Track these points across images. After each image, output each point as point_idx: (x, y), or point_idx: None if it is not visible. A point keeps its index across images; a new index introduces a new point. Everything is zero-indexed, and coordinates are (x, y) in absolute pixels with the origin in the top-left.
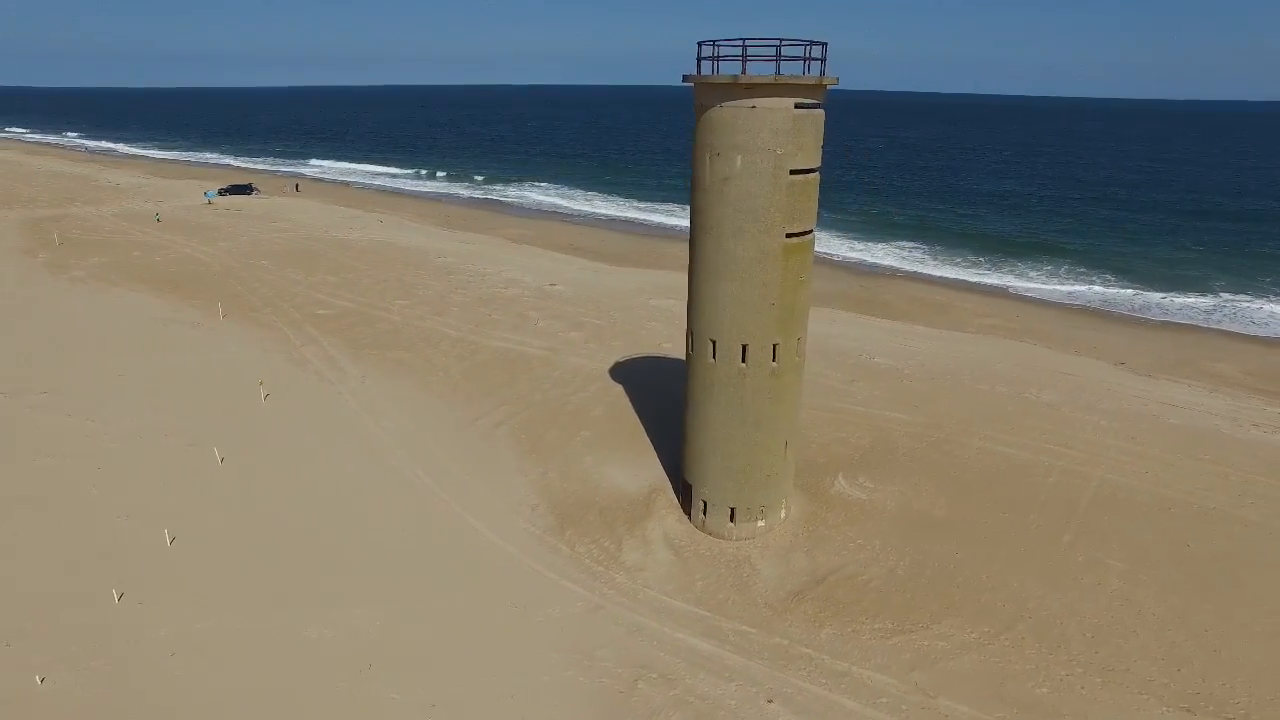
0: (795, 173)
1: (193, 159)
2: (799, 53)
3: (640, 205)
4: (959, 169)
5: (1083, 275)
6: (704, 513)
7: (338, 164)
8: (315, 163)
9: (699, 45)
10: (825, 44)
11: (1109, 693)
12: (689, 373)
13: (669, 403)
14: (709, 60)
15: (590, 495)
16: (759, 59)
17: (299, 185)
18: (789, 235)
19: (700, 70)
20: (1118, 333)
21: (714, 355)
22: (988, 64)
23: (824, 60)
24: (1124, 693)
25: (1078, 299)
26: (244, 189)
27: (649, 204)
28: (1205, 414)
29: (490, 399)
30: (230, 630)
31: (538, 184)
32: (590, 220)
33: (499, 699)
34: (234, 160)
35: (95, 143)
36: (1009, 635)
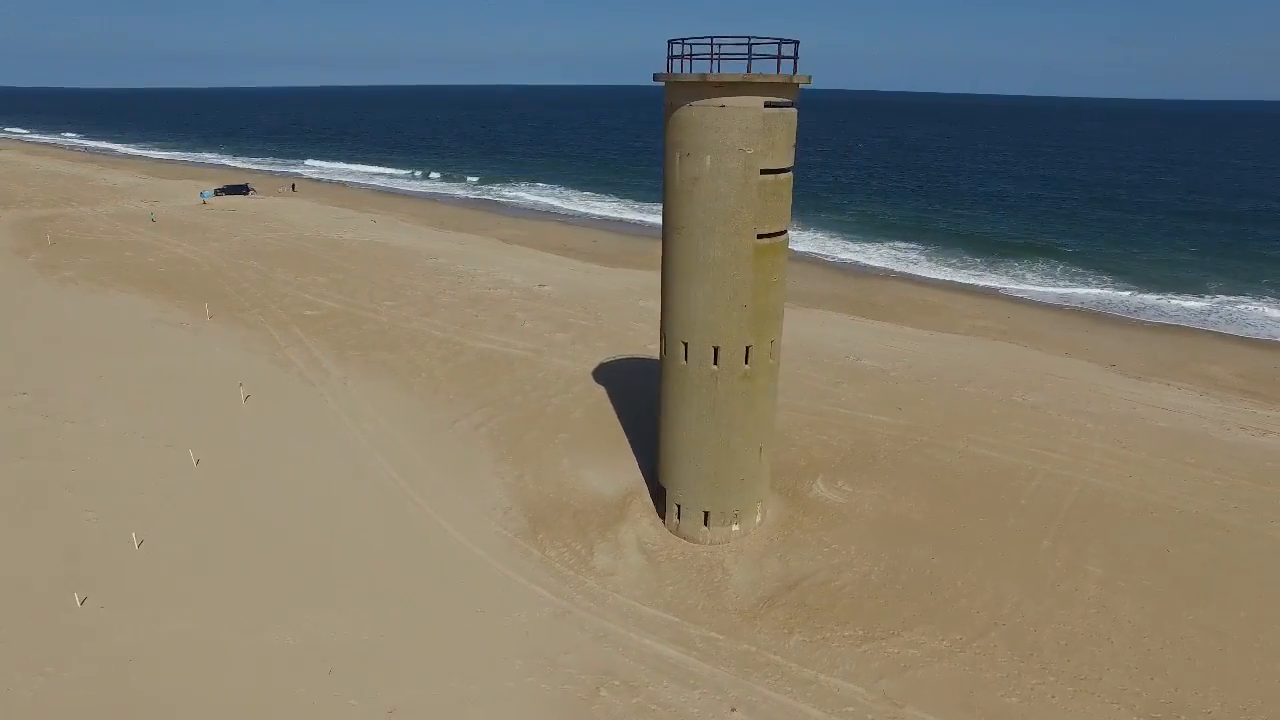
0: (766, 173)
1: (191, 159)
2: (770, 51)
3: (636, 205)
4: (957, 170)
5: (1078, 276)
6: (678, 517)
7: (335, 164)
8: (313, 163)
9: (669, 44)
10: (797, 42)
11: (1079, 702)
12: (662, 375)
13: (650, 405)
14: (682, 59)
15: (564, 498)
16: (732, 57)
17: (295, 185)
18: (760, 236)
19: (670, 69)
20: (1111, 334)
21: (686, 357)
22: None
23: (795, 58)
24: (1095, 702)
25: (1071, 300)
26: (240, 189)
27: (645, 204)
28: (1194, 417)
29: (471, 401)
30: (191, 635)
31: (534, 184)
32: (585, 221)
33: (459, 705)
34: (232, 161)
35: (94, 143)
36: (981, 643)
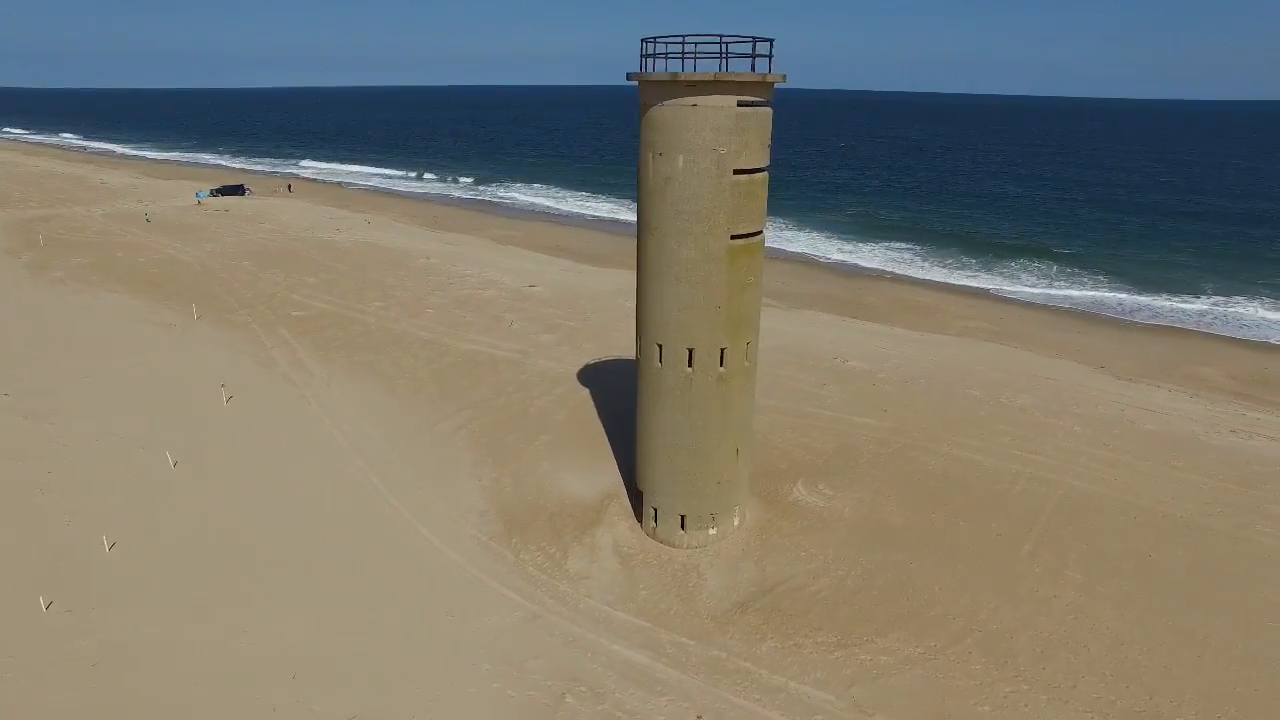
0: (740, 173)
1: (189, 160)
2: (745, 50)
3: (632, 206)
4: (956, 170)
5: (1073, 277)
6: (654, 520)
7: (332, 165)
8: (310, 163)
9: (642, 42)
10: (771, 40)
11: (1053, 711)
12: (638, 377)
13: (633, 407)
14: (658, 58)
15: (542, 501)
16: (708, 56)
17: (291, 186)
18: (734, 237)
19: (644, 68)
20: (1103, 335)
21: (660, 360)
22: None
23: (770, 57)
24: (1068, 711)
25: (1065, 301)
26: (236, 189)
27: None
28: (1183, 419)
29: (453, 402)
30: (157, 639)
31: (529, 185)
32: (579, 221)
33: (421, 710)
34: (230, 161)
35: (92, 143)
36: (956, 650)
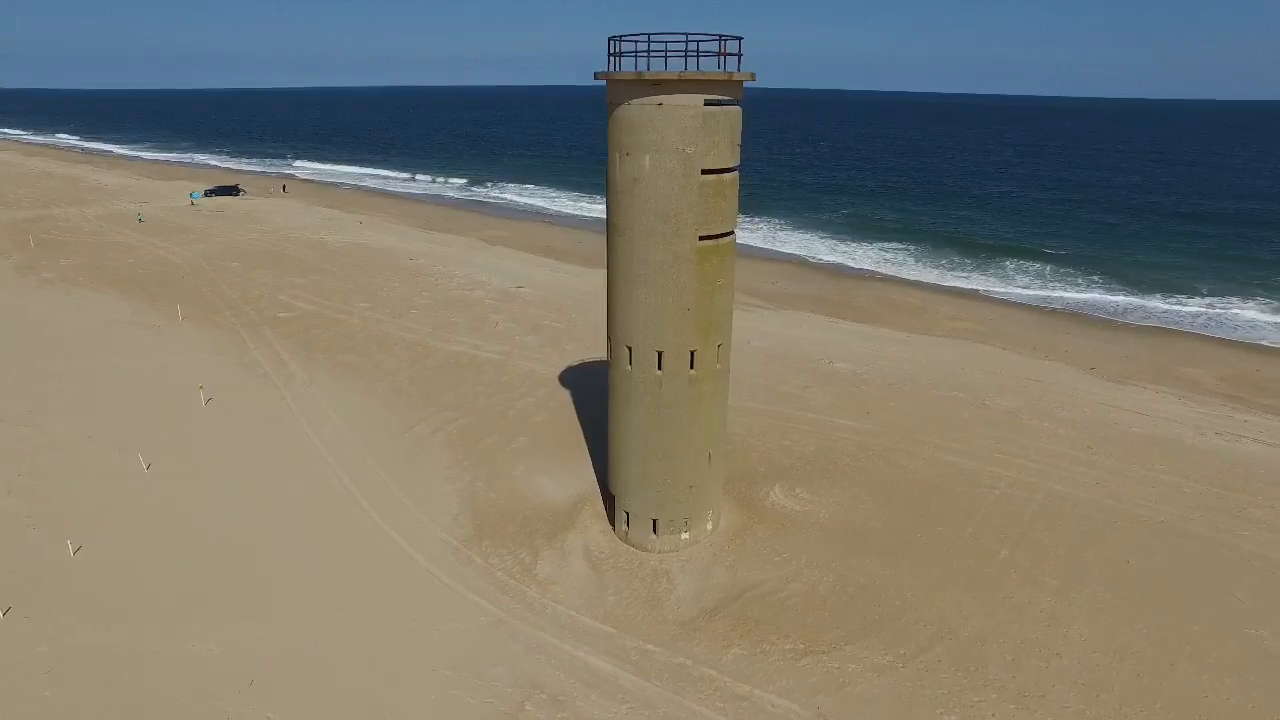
0: (708, 173)
1: (186, 160)
2: (713, 47)
3: None
4: (955, 171)
5: (1068, 278)
6: (626, 524)
7: (329, 166)
8: (307, 164)
9: (609, 40)
10: (740, 38)
11: None
12: (609, 380)
13: None
14: (625, 56)
15: (515, 505)
16: (680, 55)
17: (286, 186)
18: (703, 238)
19: (611, 66)
20: (1094, 337)
21: (630, 362)
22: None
23: (739, 55)
24: None
25: (1058, 302)
26: (230, 190)
27: None
28: (1169, 422)
29: (433, 404)
30: (114, 645)
31: (524, 185)
32: (573, 222)
33: (377, 718)
34: (228, 161)
35: (91, 144)
36: (925, 658)
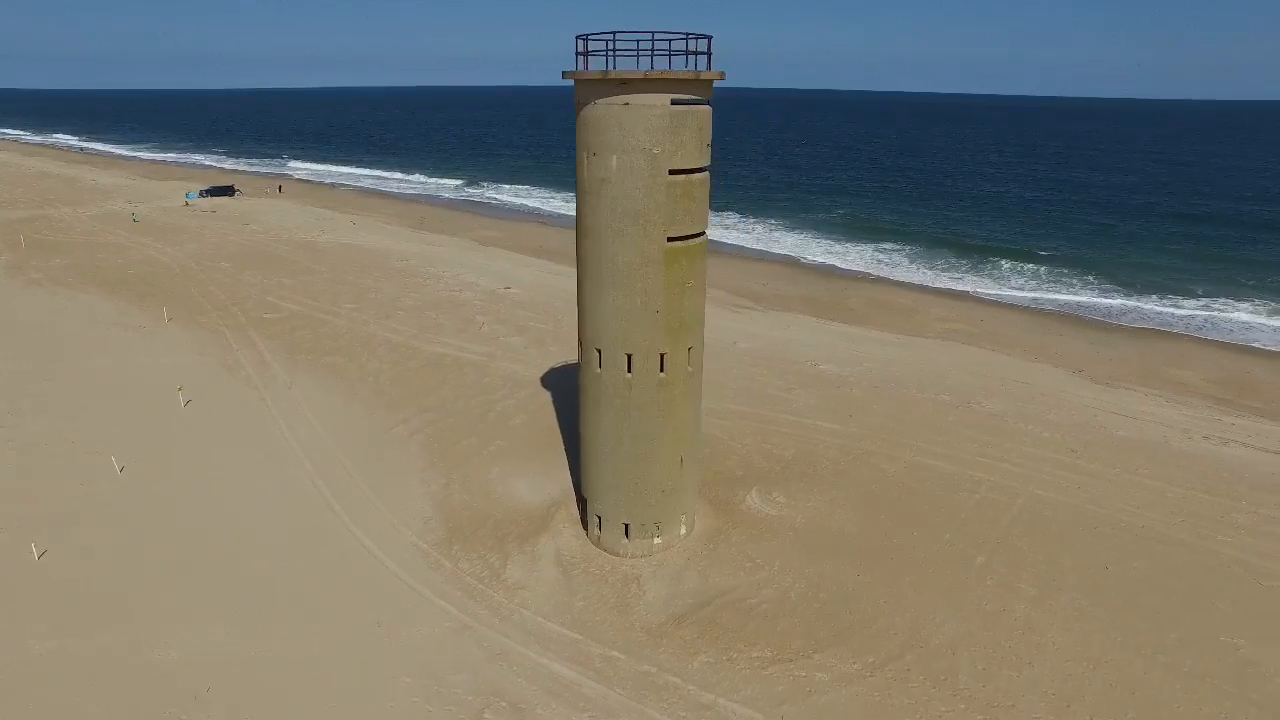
0: (676, 173)
1: (184, 160)
2: (678, 46)
3: None
4: (954, 171)
5: (1062, 279)
6: (599, 528)
7: (326, 166)
8: (305, 164)
9: (577, 39)
10: (709, 37)
11: None
12: (580, 383)
13: None
14: (598, 55)
15: (488, 508)
16: (654, 54)
17: (282, 186)
18: (672, 239)
19: (578, 65)
20: (1086, 338)
21: (600, 365)
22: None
23: (709, 54)
24: None
25: (1051, 304)
26: (225, 190)
27: None
28: (1156, 425)
29: (412, 406)
30: (71, 651)
31: (519, 186)
32: (566, 222)
33: None
34: (225, 162)
35: (91, 144)
36: (895, 666)
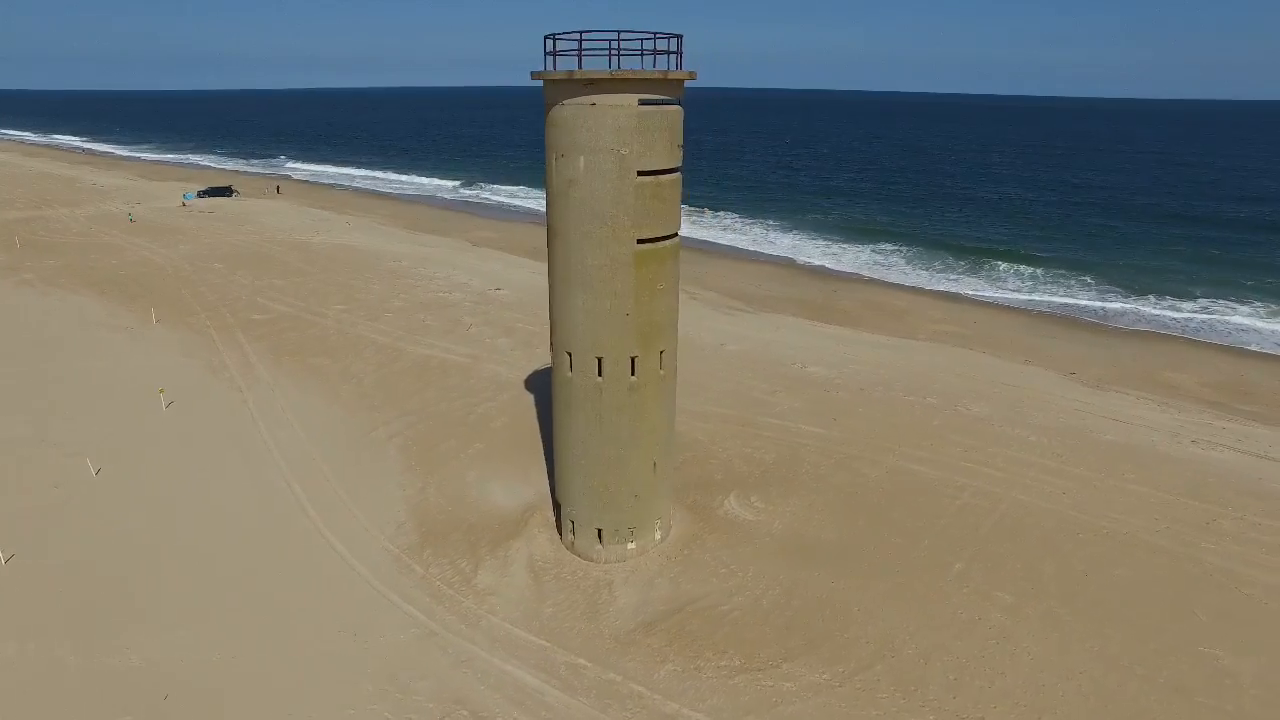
0: (645, 174)
1: (184, 161)
2: (651, 46)
3: None
4: (953, 173)
5: (1060, 280)
6: (572, 533)
7: (325, 167)
8: (304, 165)
9: (545, 39)
10: (680, 36)
11: None
12: (552, 387)
13: None
14: (570, 55)
15: (463, 512)
16: (627, 53)
17: (280, 187)
18: (641, 241)
19: (547, 65)
20: (1081, 341)
21: (571, 368)
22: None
23: (679, 54)
24: None
25: (1047, 306)
26: (223, 191)
27: None
28: (1146, 429)
29: (394, 408)
30: (30, 657)
31: (516, 186)
32: None
33: None
34: (225, 162)
35: (93, 145)
36: (864, 676)
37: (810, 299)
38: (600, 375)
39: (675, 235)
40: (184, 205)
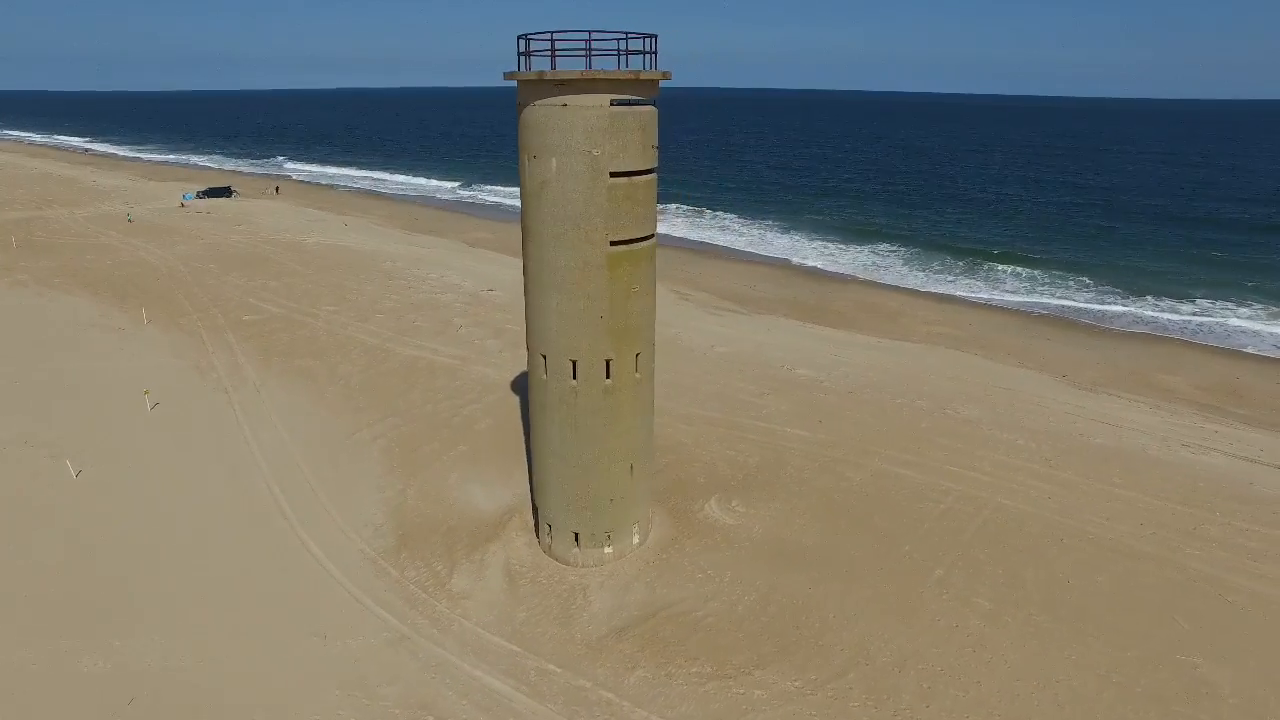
0: (618, 175)
1: (186, 161)
2: (625, 45)
3: None
4: (954, 173)
5: (1059, 281)
6: (550, 537)
7: (326, 168)
8: (304, 165)
9: (518, 39)
10: (654, 36)
11: None
12: (529, 390)
13: None
14: (543, 56)
15: (442, 515)
16: (602, 54)
17: (279, 188)
18: (615, 243)
19: (520, 66)
20: (1076, 343)
21: (545, 371)
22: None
23: (654, 54)
24: None
25: (1044, 308)
26: (223, 191)
27: None
28: (1136, 433)
29: (379, 410)
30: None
31: (518, 187)
32: None
33: None
34: (226, 163)
35: (96, 145)
36: (836, 684)
37: (804, 300)
38: (575, 378)
39: (651, 237)
40: (182, 206)
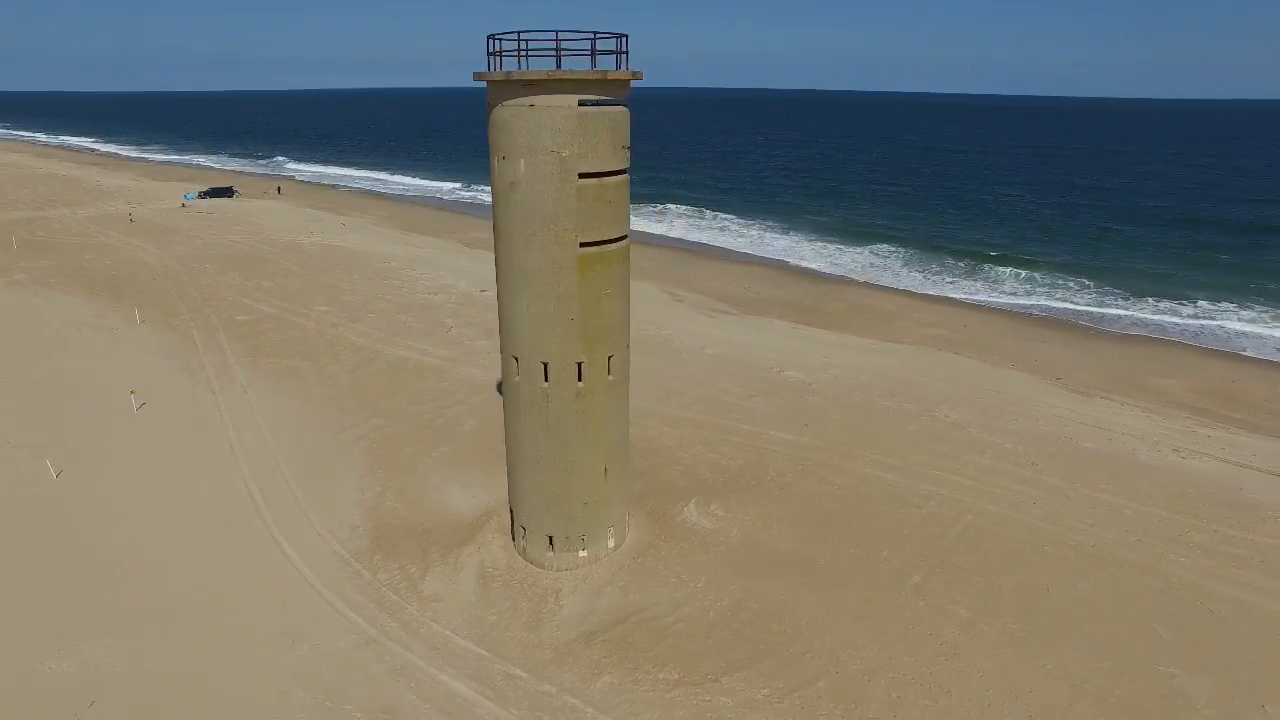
0: (587, 176)
1: (190, 162)
2: (602, 46)
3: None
4: (955, 174)
5: (1058, 283)
6: (524, 539)
7: (329, 169)
8: (307, 166)
9: (488, 39)
10: (625, 36)
11: None
12: (503, 392)
13: None
14: (513, 56)
15: (419, 517)
16: (574, 53)
17: (281, 188)
18: (585, 244)
19: (489, 66)
20: (1072, 345)
21: (517, 374)
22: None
23: (625, 54)
24: None
25: (1041, 310)
26: (224, 192)
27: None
28: (1126, 436)
29: (364, 411)
30: None
31: None
32: None
33: None
34: (230, 163)
35: (103, 146)
36: (805, 693)
37: (798, 301)
38: (546, 380)
39: (624, 238)
40: (184, 206)
